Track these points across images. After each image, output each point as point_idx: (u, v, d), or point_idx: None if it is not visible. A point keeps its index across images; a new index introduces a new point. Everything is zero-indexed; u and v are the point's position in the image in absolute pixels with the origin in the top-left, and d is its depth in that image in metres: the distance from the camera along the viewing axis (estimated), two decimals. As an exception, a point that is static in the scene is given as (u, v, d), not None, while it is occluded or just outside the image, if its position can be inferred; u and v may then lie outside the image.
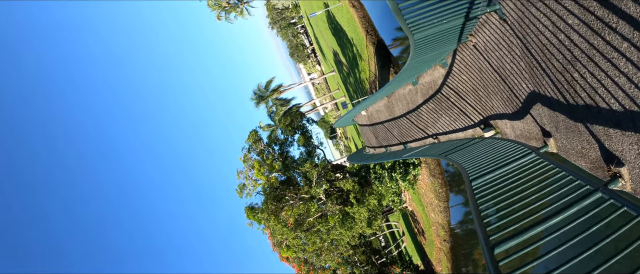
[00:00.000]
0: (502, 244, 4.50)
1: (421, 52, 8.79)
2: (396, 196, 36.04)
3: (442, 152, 12.04)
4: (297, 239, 36.40)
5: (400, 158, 18.17)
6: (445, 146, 14.10)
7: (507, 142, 8.30)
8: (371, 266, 46.40)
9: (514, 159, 6.54)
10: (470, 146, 10.38)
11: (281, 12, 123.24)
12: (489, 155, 7.79)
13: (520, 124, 9.63)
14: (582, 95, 6.72)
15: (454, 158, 9.36)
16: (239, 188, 39.87)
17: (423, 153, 15.60)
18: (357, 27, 43.34)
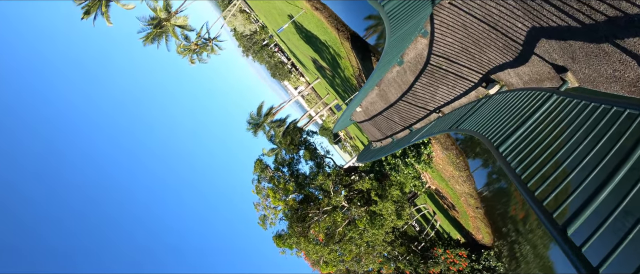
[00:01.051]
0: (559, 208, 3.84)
1: (396, 25, 8.09)
2: (416, 180, 35.22)
3: (451, 125, 11.31)
4: (333, 253, 35.54)
5: (409, 143, 17.35)
6: (452, 117, 13.38)
7: (519, 93, 7.53)
8: (413, 255, 45.54)
9: (535, 109, 5.81)
10: (479, 109, 9.66)
11: (251, 38, 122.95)
12: (504, 113, 7.05)
13: (526, 68, 8.84)
14: (601, 8, 5.85)
15: (467, 127, 8.63)
16: (261, 220, 39.25)
17: (431, 132, 14.84)
18: (326, 28, 42.72)
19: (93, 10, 60.82)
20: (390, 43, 9.48)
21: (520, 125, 5.61)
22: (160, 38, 67.82)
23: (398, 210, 35.30)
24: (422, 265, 44.36)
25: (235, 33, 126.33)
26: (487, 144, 5.96)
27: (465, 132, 8.44)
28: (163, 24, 66.20)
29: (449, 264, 43.70)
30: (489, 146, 5.85)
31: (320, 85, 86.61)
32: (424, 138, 15.01)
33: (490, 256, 43.00)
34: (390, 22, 7.25)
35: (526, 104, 6.39)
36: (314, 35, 50.15)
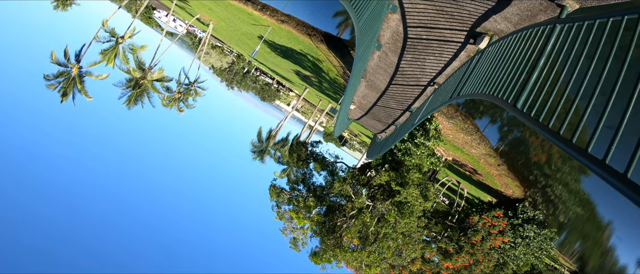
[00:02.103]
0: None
1: (360, 10, 7.43)
2: (431, 157, 34.43)
3: (451, 94, 10.63)
4: (372, 254, 34.72)
5: (413, 126, 16.62)
6: (449, 86, 12.69)
7: (515, 37, 6.81)
8: (451, 230, 44.87)
9: (541, 48, 5.12)
10: (476, 68, 8.96)
11: (230, 69, 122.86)
12: (505, 64, 6.34)
13: (512, 9, 8.13)
14: None
15: (469, 91, 7.94)
16: (292, 244, 38.62)
17: (432, 107, 14.13)
18: (298, 37, 42.24)
19: (69, 91, 60.65)
20: (360, 29, 8.80)
21: (530, 73, 4.93)
22: (142, 97, 67.63)
23: (423, 192, 34.53)
24: (462, 238, 43.65)
25: (214, 69, 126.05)
26: (501, 103, 5.29)
27: (470, 97, 7.74)
28: (141, 82, 65.97)
29: (489, 229, 43.01)
30: (504, 105, 5.18)
31: (311, 94, 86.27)
32: (427, 116, 14.28)
33: (525, 207, 42.33)
34: (352, 6, 6.60)
35: (528, 46, 5.69)
36: (288, 48, 49.75)
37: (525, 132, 43.28)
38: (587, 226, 50.22)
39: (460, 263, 44.12)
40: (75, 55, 61.35)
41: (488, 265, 45.75)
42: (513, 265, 46.54)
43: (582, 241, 59.89)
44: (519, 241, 42.06)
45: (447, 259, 43.24)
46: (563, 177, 42.66)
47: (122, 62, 63.78)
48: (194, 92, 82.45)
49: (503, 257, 45.39)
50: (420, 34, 13.30)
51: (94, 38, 62.02)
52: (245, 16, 49.82)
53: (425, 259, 43.89)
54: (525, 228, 41.32)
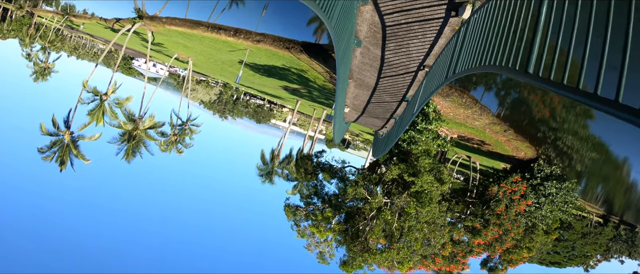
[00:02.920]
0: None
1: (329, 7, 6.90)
2: (437, 139, 33.87)
3: (446, 75, 10.10)
4: (402, 250, 34.04)
5: (413, 115, 16.04)
6: (441, 66, 12.16)
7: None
8: (473, 206, 44.38)
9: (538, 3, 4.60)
10: (465, 41, 8.43)
11: (220, 100, 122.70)
12: (501, 28, 5.78)
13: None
14: None
15: (467, 66, 7.40)
16: (319, 258, 37.94)
17: (429, 91, 13.57)
18: (277, 53, 41.77)
19: (66, 158, 60.15)
20: (334, 30, 8.25)
21: (534, 29, 4.40)
22: (138, 148, 67.11)
23: (437, 176, 33.97)
24: (486, 211, 43.16)
25: (204, 104, 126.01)
26: (509, 72, 4.76)
27: (469, 73, 7.20)
28: (134, 134, 65.50)
29: (510, 195, 42.52)
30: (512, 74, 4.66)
31: (304, 105, 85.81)
32: (426, 102, 13.70)
33: (541, 166, 41.89)
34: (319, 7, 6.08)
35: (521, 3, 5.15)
36: (270, 66, 49.31)
37: (523, 92, 42.84)
38: (605, 168, 49.89)
39: (490, 237, 43.58)
40: (64, 122, 60.90)
41: (518, 231, 45.24)
42: (542, 225, 46.11)
43: (603, 184, 59.61)
44: (543, 200, 41.61)
45: (477, 235, 42.70)
46: (570, 127, 42.27)
47: (111, 119, 63.28)
48: (189, 131, 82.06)
49: (530, 220, 44.95)
50: (398, 20, 12.74)
51: (79, 101, 61.58)
52: (220, 45, 49.30)
53: (454, 241, 43.35)
54: (545, 186, 40.85)
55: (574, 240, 71.47)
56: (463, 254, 44.90)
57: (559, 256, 76.28)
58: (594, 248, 76.08)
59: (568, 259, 77.88)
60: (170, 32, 56.04)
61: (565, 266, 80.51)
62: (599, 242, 75.03)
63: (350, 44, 14.49)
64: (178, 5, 60.18)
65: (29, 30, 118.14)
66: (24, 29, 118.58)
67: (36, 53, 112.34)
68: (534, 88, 41.06)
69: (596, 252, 78.93)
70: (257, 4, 49.91)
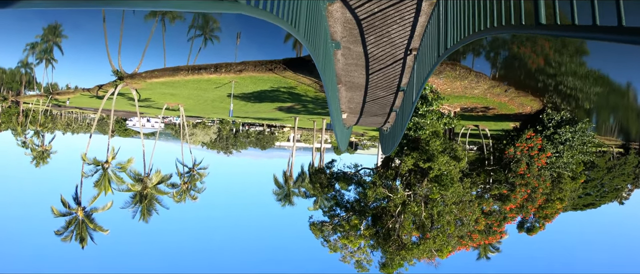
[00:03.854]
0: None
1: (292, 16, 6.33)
2: (442, 119, 33.24)
3: (437, 54, 9.54)
4: (438, 237, 33.27)
5: (414, 104, 15.42)
6: (428, 46, 11.58)
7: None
8: (494, 173, 43.81)
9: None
10: (448, 14, 7.86)
11: (220, 137, 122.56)
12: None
13: None
14: None
15: (460, 36, 6.83)
16: (358, 267, 37.19)
17: (423, 75, 12.95)
18: (262, 77, 41.42)
19: (85, 234, 59.80)
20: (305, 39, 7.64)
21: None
22: (152, 205, 66.77)
23: (451, 155, 33.33)
24: (508, 174, 42.61)
25: (206, 145, 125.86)
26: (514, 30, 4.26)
27: (464, 44, 6.64)
28: (144, 193, 65.16)
29: (528, 152, 41.93)
30: (518, 31, 4.17)
31: (303, 120, 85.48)
32: (423, 86, 13.08)
33: (550, 114, 41.29)
34: (283, 19, 5.52)
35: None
36: (258, 91, 48.98)
37: (512, 48, 42.47)
38: (611, 99, 49.47)
39: (520, 199, 42.97)
40: (74, 200, 60.64)
41: (545, 186, 44.59)
42: (567, 172, 45.55)
43: (614, 115, 59.17)
44: (561, 148, 41.02)
45: (506, 201, 42.08)
46: (568, 68, 41.94)
47: (118, 184, 62.98)
48: (198, 176, 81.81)
49: (554, 171, 44.39)
50: (371, 9, 12.13)
51: (82, 175, 61.34)
52: (205, 84, 49.09)
53: (486, 213, 42.79)
54: (559, 133, 40.26)
55: (601, 177, 70.84)
56: (498, 223, 44.32)
57: (591, 197, 75.78)
58: (622, 179, 75.48)
59: (600, 197, 77.40)
60: (153, 85, 55.81)
61: (600, 204, 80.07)
62: (626, 172, 74.36)
63: (329, 49, 13.84)
64: (155, 56, 60.09)
65: (19, 119, 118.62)
66: (14, 118, 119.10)
67: (31, 139, 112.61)
68: (523, 41, 40.70)
69: (626, 182, 78.50)
70: (231, 35, 49.73)
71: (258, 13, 4.65)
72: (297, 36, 6.65)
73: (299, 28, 6.72)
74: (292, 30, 6.16)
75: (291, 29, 6.07)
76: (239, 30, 43.61)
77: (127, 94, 66.07)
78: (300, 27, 6.81)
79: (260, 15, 4.73)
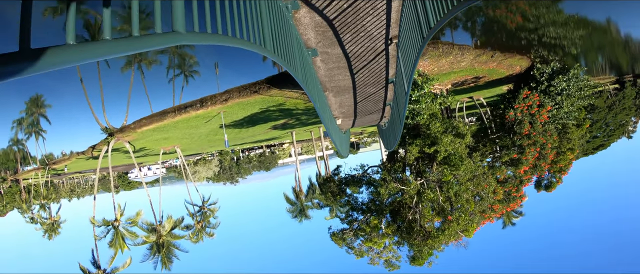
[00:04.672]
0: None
1: (256, 32, 5.85)
2: (436, 99, 32.76)
3: (421, 37, 9.06)
4: (460, 218, 32.61)
5: (408, 94, 14.90)
6: (409, 30, 11.10)
7: None
8: (500, 140, 43.38)
9: None
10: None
11: (223, 170, 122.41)
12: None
13: None
14: None
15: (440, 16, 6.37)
16: (388, 266, 36.64)
17: (410, 63, 12.46)
18: (249, 101, 41.15)
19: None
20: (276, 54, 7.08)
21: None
22: (171, 252, 66.42)
23: (454, 133, 32.83)
24: (514, 138, 42.19)
25: (211, 179, 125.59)
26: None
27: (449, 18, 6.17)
28: (160, 242, 64.79)
29: (528, 111, 41.52)
30: None
31: (299, 133, 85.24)
32: (413, 74, 12.56)
33: (540, 68, 40.92)
34: (241, 41, 5.04)
35: None
36: (249, 115, 48.67)
37: (487, 12, 42.24)
38: (595, 38, 49.59)
39: (531, 159, 42.55)
40: (93, 264, 60.12)
41: (553, 139, 44.18)
42: (571, 121, 45.24)
43: (602, 53, 59.34)
44: (560, 99, 40.70)
45: (519, 165, 41.67)
46: (546, 19, 41.89)
47: (132, 239, 62.61)
48: (209, 212, 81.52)
49: (558, 123, 44.04)
50: (340, 6, 11.59)
51: (95, 238, 60.92)
52: (194, 121, 48.85)
53: (501, 182, 42.43)
54: (554, 85, 39.94)
55: (604, 117, 70.74)
56: (516, 189, 43.97)
57: (599, 139, 75.85)
58: (625, 114, 75.46)
59: (608, 136, 77.51)
60: (144, 134, 55.47)
61: (609, 144, 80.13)
62: (627, 106, 74.22)
63: (306, 59, 13.23)
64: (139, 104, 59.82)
65: (22, 197, 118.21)
66: (17, 197, 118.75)
67: (38, 213, 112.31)
68: (496, 4, 40.53)
69: (629, 116, 78.48)
70: (209, 67, 49.52)
71: (208, 39, 4.19)
72: (266, 54, 6.16)
73: (266, 45, 6.23)
74: (259, 49, 5.67)
75: (257, 48, 5.59)
76: (216, 60, 43.29)
77: (121, 148, 65.77)
78: (267, 44, 6.31)
79: (211, 40, 4.28)
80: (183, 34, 3.58)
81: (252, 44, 5.33)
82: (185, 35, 3.66)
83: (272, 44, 6.60)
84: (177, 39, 3.60)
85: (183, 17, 3.87)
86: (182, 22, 3.82)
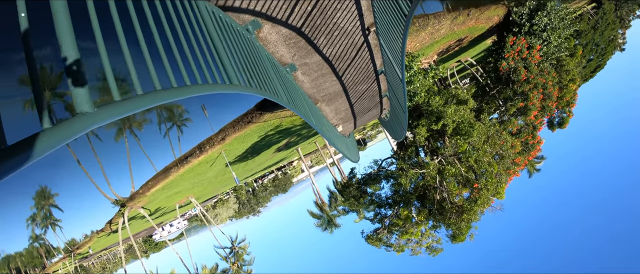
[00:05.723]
0: None
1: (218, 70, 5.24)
2: (427, 74, 32.06)
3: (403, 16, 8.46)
4: (488, 183, 31.74)
5: (403, 81, 14.22)
6: (385, 14, 10.50)
7: None
8: (500, 93, 42.70)
9: None
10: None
11: (242, 205, 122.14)
12: None
13: None
14: None
15: None
16: (431, 251, 35.90)
17: (398, 46, 11.79)
18: (245, 133, 40.79)
19: None
20: (250, 86, 6.35)
21: None
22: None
23: (456, 102, 32.15)
24: (514, 86, 41.53)
25: (234, 216, 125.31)
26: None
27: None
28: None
29: (519, 56, 40.86)
30: None
31: (304, 148, 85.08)
32: (404, 58, 11.85)
33: (517, 11, 40.44)
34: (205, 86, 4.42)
35: None
36: (250, 147, 48.43)
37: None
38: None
39: (537, 102, 41.88)
40: None
41: (552, 76, 43.49)
42: (564, 53, 44.71)
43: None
44: (546, 35, 40.19)
45: (528, 112, 41.02)
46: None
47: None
48: (241, 250, 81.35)
49: (552, 58, 43.51)
50: (304, 10, 10.83)
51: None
52: (199, 168, 48.71)
53: (515, 134, 41.88)
54: (536, 23, 39.43)
55: (592, 38, 70.03)
56: (531, 136, 43.42)
57: (594, 60, 75.51)
58: (611, 29, 74.83)
59: (601, 55, 77.06)
60: (155, 195, 55.25)
61: (605, 63, 79.83)
62: (610, 21, 73.62)
63: (286, 77, 12.36)
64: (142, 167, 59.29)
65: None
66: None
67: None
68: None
69: (615, 30, 78.06)
70: (197, 111, 49.13)
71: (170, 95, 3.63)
72: (235, 90, 5.52)
73: (232, 80, 5.60)
74: (226, 88, 5.06)
75: (223, 88, 4.98)
76: (201, 103, 42.90)
77: (137, 215, 65.54)
78: (233, 78, 5.67)
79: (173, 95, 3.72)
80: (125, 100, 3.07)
81: (216, 85, 4.73)
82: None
83: (240, 76, 5.96)
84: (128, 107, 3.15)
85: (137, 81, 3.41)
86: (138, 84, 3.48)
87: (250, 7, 9.31)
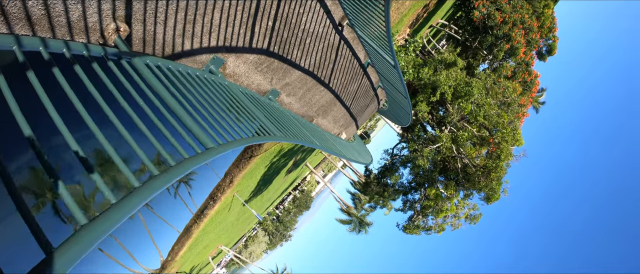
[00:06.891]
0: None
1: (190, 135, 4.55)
2: (408, 49, 31.37)
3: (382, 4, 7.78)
4: (504, 134, 30.91)
5: (397, 67, 13.44)
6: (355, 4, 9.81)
7: None
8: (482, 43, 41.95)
9: None
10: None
11: (272, 235, 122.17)
12: None
13: None
14: None
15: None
16: (469, 220, 35.17)
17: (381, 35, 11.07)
18: (251, 167, 40.43)
19: None
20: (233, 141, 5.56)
21: None
22: None
23: (447, 66, 31.46)
24: (493, 31, 40.80)
25: (267, 249, 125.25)
26: None
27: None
28: None
29: (489, 5, 40.19)
30: None
31: (313, 160, 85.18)
32: (392, 46, 11.09)
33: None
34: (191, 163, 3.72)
35: None
36: (260, 179, 48.17)
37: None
38: None
39: (522, 39, 41.15)
40: None
41: (526, 8, 42.79)
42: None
43: None
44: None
45: (516, 51, 40.27)
46: None
47: None
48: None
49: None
50: (266, 26, 10.00)
51: None
52: (218, 217, 48.60)
53: (510, 77, 41.38)
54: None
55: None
56: (527, 73, 42.82)
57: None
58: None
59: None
60: (185, 256, 54.95)
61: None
62: None
63: (271, 107, 11.26)
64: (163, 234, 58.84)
65: None
66: None
67: None
68: None
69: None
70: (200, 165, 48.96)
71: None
72: (217, 154, 4.80)
73: (206, 144, 4.89)
74: (201, 158, 4.36)
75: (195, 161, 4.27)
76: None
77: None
78: (207, 141, 4.95)
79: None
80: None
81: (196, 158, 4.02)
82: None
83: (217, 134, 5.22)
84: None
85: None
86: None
87: (203, 45, 8.41)
